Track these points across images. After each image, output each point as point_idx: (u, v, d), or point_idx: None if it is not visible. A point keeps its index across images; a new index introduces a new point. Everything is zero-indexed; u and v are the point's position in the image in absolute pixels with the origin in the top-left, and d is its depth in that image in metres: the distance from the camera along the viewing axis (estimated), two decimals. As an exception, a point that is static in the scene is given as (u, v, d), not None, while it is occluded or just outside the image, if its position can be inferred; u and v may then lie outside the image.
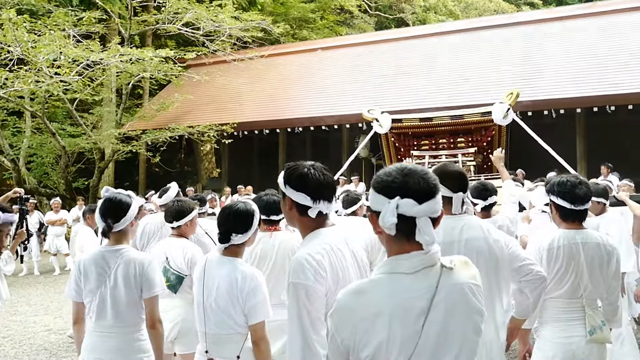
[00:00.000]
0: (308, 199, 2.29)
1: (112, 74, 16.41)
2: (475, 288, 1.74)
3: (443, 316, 1.67)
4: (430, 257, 1.71)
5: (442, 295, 1.68)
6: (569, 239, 3.12)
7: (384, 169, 1.78)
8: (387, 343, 1.64)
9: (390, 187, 1.70)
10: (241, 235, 2.96)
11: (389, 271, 1.72)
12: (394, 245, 1.74)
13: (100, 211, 3.16)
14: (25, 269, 12.88)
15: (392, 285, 1.69)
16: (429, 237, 1.68)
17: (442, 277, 1.70)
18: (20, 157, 17.48)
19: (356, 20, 29.57)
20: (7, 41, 13.07)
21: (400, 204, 1.66)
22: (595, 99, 13.32)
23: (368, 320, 1.66)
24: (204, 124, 16.42)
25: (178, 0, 16.36)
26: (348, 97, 16.19)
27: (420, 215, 1.67)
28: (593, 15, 16.65)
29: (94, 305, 3.10)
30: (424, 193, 1.68)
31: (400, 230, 1.69)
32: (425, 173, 1.72)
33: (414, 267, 1.70)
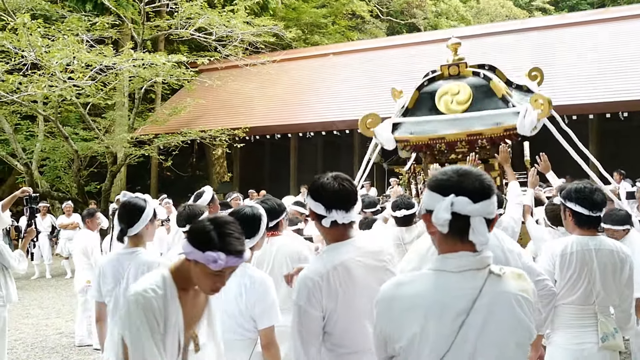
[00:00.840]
0: (322, 208, 2.34)
1: (125, 78, 16.50)
2: (524, 301, 1.71)
3: (483, 322, 1.65)
4: (478, 259, 1.71)
5: (485, 301, 1.66)
6: (582, 245, 3.10)
7: (441, 170, 1.81)
8: (420, 337, 1.65)
9: (445, 185, 1.71)
10: (249, 240, 2.95)
11: (435, 268, 1.74)
12: (445, 245, 1.75)
13: (117, 215, 3.24)
14: (37, 272, 12.97)
15: (434, 281, 1.71)
16: (483, 237, 1.68)
17: (488, 282, 1.69)
18: (33, 160, 17.60)
19: (368, 26, 29.59)
20: (21, 46, 13.18)
21: (455, 202, 1.67)
22: (607, 105, 13.23)
23: (405, 311, 1.69)
24: (216, 128, 16.47)
25: (191, 5, 16.43)
26: (360, 102, 16.17)
27: (474, 215, 1.68)
28: (605, 21, 16.56)
29: (111, 305, 3.19)
30: (479, 193, 1.69)
31: (452, 230, 1.70)
32: (481, 174, 1.74)
33: (460, 267, 1.70)
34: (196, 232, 2.07)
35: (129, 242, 3.24)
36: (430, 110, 5.50)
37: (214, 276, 2.05)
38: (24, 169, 16.70)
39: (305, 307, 2.27)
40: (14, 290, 5.27)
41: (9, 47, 13.26)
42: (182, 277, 2.14)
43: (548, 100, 4.70)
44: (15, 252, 5.22)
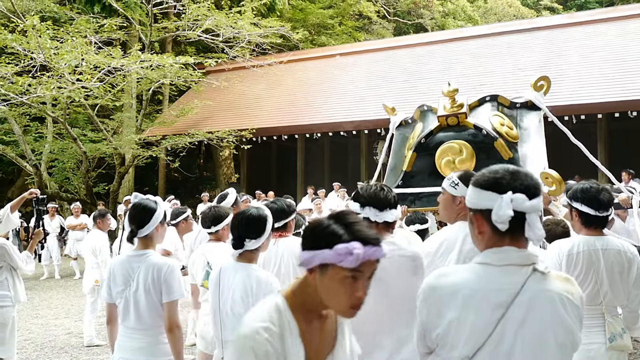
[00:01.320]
0: (357, 206, 2.55)
1: (133, 80, 16.58)
2: (568, 302, 1.70)
3: (523, 318, 1.65)
4: (523, 255, 1.72)
5: (527, 296, 1.67)
6: (588, 245, 3.10)
7: (488, 168, 1.81)
8: (457, 325, 1.67)
9: (500, 184, 1.72)
10: (254, 241, 2.97)
11: (479, 261, 1.76)
12: (493, 241, 1.75)
13: (128, 217, 3.24)
14: (47, 272, 13.04)
15: (477, 272, 1.73)
16: (540, 231, 1.70)
17: (531, 279, 1.69)
18: (42, 162, 17.71)
19: (375, 26, 29.57)
20: (30, 48, 13.27)
21: (514, 199, 1.68)
22: (616, 104, 13.16)
23: (444, 298, 1.71)
24: (223, 129, 16.50)
25: (198, 7, 16.49)
26: (367, 102, 16.17)
27: (530, 211, 1.69)
28: (614, 20, 16.47)
29: (121, 307, 3.19)
30: (532, 189, 1.72)
31: (510, 227, 1.70)
32: (530, 173, 1.76)
33: (503, 261, 1.71)
34: (313, 232, 1.65)
35: (139, 244, 3.24)
36: (430, 174, 5.00)
37: (351, 281, 1.56)
38: (33, 170, 16.81)
39: None
40: (22, 291, 5.32)
41: (19, 49, 13.35)
42: (305, 301, 1.70)
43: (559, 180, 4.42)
44: (23, 253, 5.27)
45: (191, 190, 21.07)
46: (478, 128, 4.90)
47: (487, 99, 5.37)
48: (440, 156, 4.96)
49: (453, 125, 5.03)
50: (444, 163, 4.93)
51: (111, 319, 3.32)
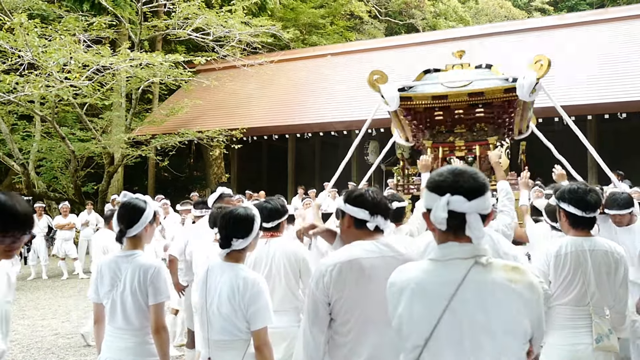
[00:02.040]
0: (366, 213, 2.54)
1: (122, 78, 16.47)
2: (510, 290, 1.76)
3: (468, 309, 1.74)
4: (465, 250, 1.81)
5: (469, 288, 1.75)
6: (576, 246, 3.11)
7: (437, 170, 1.91)
8: (406, 319, 1.80)
9: (441, 186, 1.81)
10: (242, 240, 2.95)
11: (430, 257, 1.87)
12: (442, 239, 1.86)
13: (116, 216, 3.21)
14: (34, 272, 12.91)
15: (424, 268, 1.85)
16: (479, 232, 1.78)
17: (472, 271, 1.77)
18: (29, 161, 17.56)
19: (366, 26, 29.59)
20: (18, 46, 13.14)
21: (451, 201, 1.77)
22: (606, 105, 13.22)
23: (396, 295, 1.84)
24: (213, 129, 16.45)
25: (188, 5, 16.41)
26: (357, 102, 16.14)
27: (470, 212, 1.77)
28: (604, 21, 16.57)
29: (108, 307, 3.18)
30: (474, 191, 1.79)
31: (450, 227, 1.80)
32: (475, 173, 1.84)
33: (445, 256, 1.82)
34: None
35: (128, 244, 3.21)
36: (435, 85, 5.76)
37: None
38: (20, 170, 16.66)
39: (314, 290, 2.46)
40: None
41: (6, 47, 13.22)
42: None
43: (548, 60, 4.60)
44: None
45: (181, 190, 20.97)
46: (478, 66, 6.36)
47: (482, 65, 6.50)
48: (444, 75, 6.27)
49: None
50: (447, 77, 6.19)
51: (98, 319, 3.30)
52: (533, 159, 9.66)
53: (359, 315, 2.45)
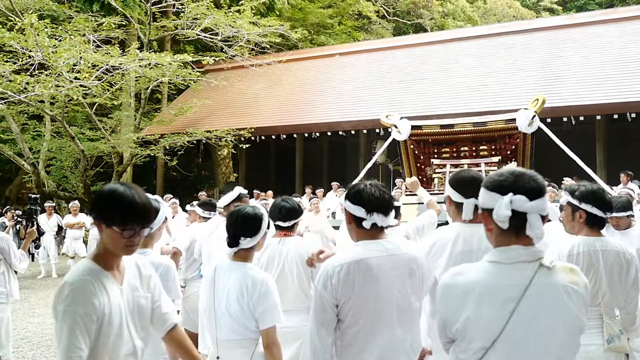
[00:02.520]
0: (363, 211, 2.51)
1: (131, 78, 16.54)
2: (573, 292, 1.85)
3: (533, 311, 1.80)
4: (529, 252, 1.87)
5: (535, 290, 1.81)
6: (588, 246, 3.11)
7: (496, 171, 1.96)
8: (473, 322, 1.83)
9: (502, 185, 1.88)
10: (250, 239, 2.96)
11: (490, 260, 1.91)
12: (502, 239, 1.90)
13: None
14: (44, 271, 13.01)
15: (488, 270, 1.88)
16: (539, 231, 1.84)
17: (538, 274, 1.84)
18: (40, 160, 17.68)
19: (374, 26, 29.55)
20: (28, 46, 13.22)
21: (514, 200, 1.83)
22: (615, 105, 13.16)
23: (460, 297, 1.87)
24: (222, 128, 16.48)
25: (197, 6, 16.45)
26: (365, 102, 16.16)
27: (531, 212, 1.83)
28: (613, 21, 16.47)
29: None
30: (534, 191, 1.85)
31: (511, 226, 1.85)
32: (535, 175, 1.90)
33: (511, 259, 1.86)
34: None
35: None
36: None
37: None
38: (30, 169, 16.78)
39: (321, 291, 2.46)
40: (16, 288, 5.34)
41: (17, 48, 13.31)
42: None
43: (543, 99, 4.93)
44: (18, 251, 5.29)
45: (189, 189, 21.06)
46: None
47: None
48: None
49: None
50: None
51: None
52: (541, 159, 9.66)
53: (367, 316, 2.44)
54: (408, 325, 2.50)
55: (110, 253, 2.12)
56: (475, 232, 2.91)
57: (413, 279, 2.49)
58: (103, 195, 2.06)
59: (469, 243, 2.88)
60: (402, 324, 2.48)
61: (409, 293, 2.48)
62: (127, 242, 2.03)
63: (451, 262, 2.91)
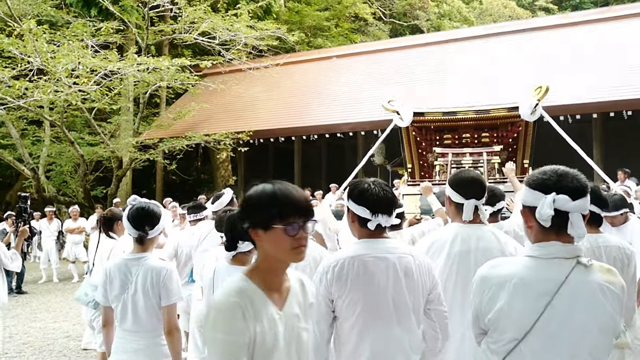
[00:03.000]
0: (367, 212, 2.50)
1: (130, 83, 16.60)
2: (609, 292, 1.85)
3: (568, 307, 1.82)
4: (568, 249, 1.89)
5: (571, 287, 1.83)
6: (591, 243, 3.16)
7: (539, 169, 1.98)
8: (507, 311, 1.86)
9: (546, 184, 1.89)
10: (247, 243, 2.98)
11: (528, 254, 1.94)
12: (542, 237, 1.92)
13: (134, 219, 3.22)
14: (45, 276, 13.04)
15: (525, 264, 1.91)
16: (581, 230, 1.86)
17: (575, 271, 1.85)
18: (39, 165, 17.72)
19: (371, 28, 29.61)
20: (27, 52, 13.27)
21: (557, 199, 1.85)
22: (611, 103, 13.22)
23: (495, 288, 1.90)
24: (220, 132, 16.53)
25: (194, 10, 16.51)
26: (363, 104, 16.21)
27: (573, 211, 1.85)
28: (609, 19, 16.55)
29: (118, 310, 3.21)
30: (577, 191, 1.87)
31: (553, 224, 1.87)
32: (577, 174, 1.92)
33: (549, 254, 1.88)
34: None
35: (135, 247, 3.25)
36: None
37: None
38: (30, 174, 16.82)
39: (317, 286, 2.47)
40: (4, 292, 5.33)
41: (15, 53, 13.36)
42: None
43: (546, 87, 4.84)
44: (9, 251, 5.30)
45: (189, 193, 21.06)
46: None
47: None
48: None
49: None
50: None
51: (108, 322, 3.34)
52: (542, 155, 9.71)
53: (361, 312, 2.46)
54: (407, 324, 2.51)
55: (272, 268, 1.84)
56: (474, 233, 2.97)
57: (409, 279, 2.49)
58: (252, 197, 1.83)
59: (467, 243, 2.94)
60: (401, 322, 2.49)
61: (405, 292, 2.48)
62: (293, 242, 1.75)
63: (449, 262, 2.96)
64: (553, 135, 5.96)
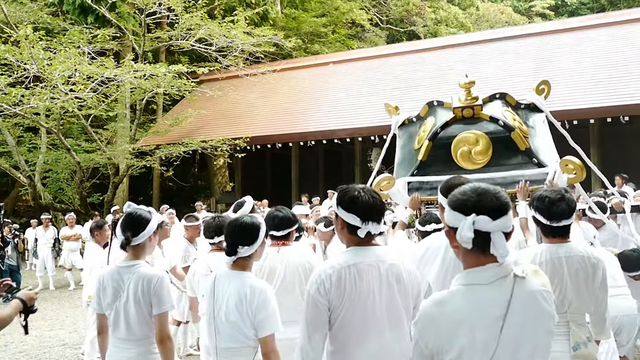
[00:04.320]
0: (357, 220, 2.47)
1: (126, 90, 16.58)
2: (546, 294, 1.91)
3: (519, 321, 1.83)
4: (503, 268, 1.88)
5: (517, 302, 1.84)
6: (551, 254, 3.08)
7: (458, 189, 1.94)
8: (468, 348, 1.82)
9: (465, 205, 1.86)
10: (247, 248, 2.98)
11: (467, 283, 1.89)
12: (470, 259, 1.90)
13: (121, 225, 3.23)
14: (41, 283, 12.96)
15: (470, 296, 1.87)
16: (503, 250, 1.84)
17: (516, 286, 1.86)
18: (35, 172, 17.67)
19: (368, 34, 29.69)
20: (23, 59, 13.27)
21: (476, 221, 1.82)
22: (608, 109, 13.24)
23: (451, 328, 1.84)
24: (217, 138, 16.52)
25: (191, 17, 16.53)
26: (360, 110, 16.21)
27: (494, 231, 1.83)
28: (605, 25, 16.59)
29: (111, 318, 3.20)
30: (498, 210, 1.84)
31: (476, 245, 1.84)
32: (498, 192, 1.88)
33: (489, 279, 1.86)
34: None
35: (130, 254, 3.23)
36: (447, 162, 5.01)
37: None
38: (26, 181, 16.77)
39: (314, 295, 2.45)
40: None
41: (12, 60, 13.36)
42: None
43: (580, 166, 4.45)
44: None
45: (186, 200, 21.03)
46: (494, 119, 4.98)
47: (497, 96, 5.48)
48: (456, 147, 5.01)
49: (468, 117, 5.13)
50: (460, 153, 5.00)
51: (102, 330, 3.32)
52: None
53: (356, 320, 2.46)
54: (399, 332, 2.51)
55: None
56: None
57: (401, 285, 2.50)
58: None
59: None
60: (393, 329, 2.49)
61: (398, 299, 2.49)
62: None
63: (444, 268, 2.94)
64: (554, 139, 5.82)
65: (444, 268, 2.95)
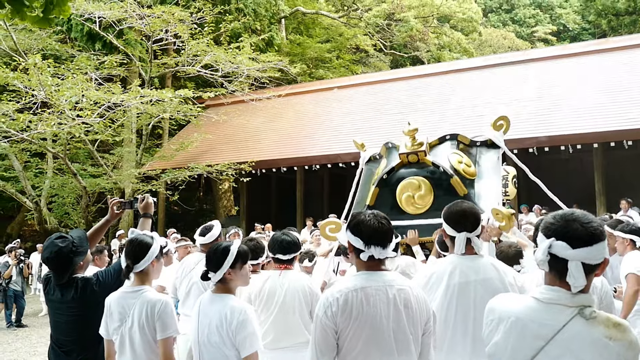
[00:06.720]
0: (361, 243, 2.54)
1: (133, 115, 16.74)
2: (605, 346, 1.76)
3: (560, 355, 1.79)
4: (571, 298, 1.84)
5: (567, 336, 1.80)
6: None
7: (555, 213, 1.94)
8: (502, 346, 1.89)
9: (549, 228, 1.88)
10: (214, 274, 3.05)
11: (533, 295, 1.93)
12: (548, 279, 1.92)
13: (124, 251, 3.29)
14: (45, 308, 12.95)
15: (527, 305, 1.91)
16: (577, 281, 1.81)
17: (574, 321, 1.81)
18: (42, 197, 17.75)
19: (372, 59, 29.97)
20: (32, 85, 13.44)
21: (554, 245, 1.83)
22: (611, 133, 13.27)
23: (496, 320, 1.95)
24: (223, 162, 16.59)
25: (197, 43, 16.74)
26: (364, 134, 16.23)
27: (572, 259, 1.81)
28: (606, 51, 16.71)
29: (117, 343, 3.23)
30: (581, 239, 1.81)
31: (553, 269, 1.86)
32: (590, 222, 1.84)
33: (549, 299, 1.86)
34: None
35: (135, 280, 3.28)
36: (392, 208, 5.16)
37: None
38: (32, 206, 16.85)
39: (322, 319, 2.49)
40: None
41: (20, 87, 13.52)
42: None
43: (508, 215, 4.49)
44: None
45: (191, 224, 21.05)
46: (436, 165, 5.13)
47: (447, 137, 5.62)
48: (401, 192, 5.18)
49: (413, 163, 5.29)
50: (405, 198, 5.15)
51: (109, 355, 3.35)
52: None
53: (364, 344, 2.48)
54: (406, 356, 2.52)
55: None
56: (472, 264, 2.98)
57: (409, 310, 2.52)
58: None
59: (466, 275, 2.94)
60: (401, 354, 2.50)
61: (406, 324, 2.50)
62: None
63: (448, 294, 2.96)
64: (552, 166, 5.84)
65: (449, 293, 2.97)
